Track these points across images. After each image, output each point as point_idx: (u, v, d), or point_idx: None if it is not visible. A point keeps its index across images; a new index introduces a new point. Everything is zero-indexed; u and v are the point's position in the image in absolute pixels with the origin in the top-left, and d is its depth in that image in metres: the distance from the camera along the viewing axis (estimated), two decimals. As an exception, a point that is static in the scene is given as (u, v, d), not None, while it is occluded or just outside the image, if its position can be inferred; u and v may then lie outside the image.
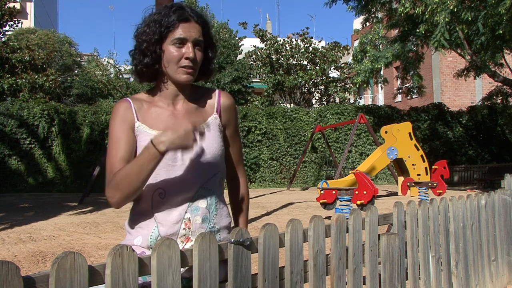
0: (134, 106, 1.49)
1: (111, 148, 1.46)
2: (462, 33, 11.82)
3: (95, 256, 4.71)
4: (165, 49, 1.45)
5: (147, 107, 1.51)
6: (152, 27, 1.45)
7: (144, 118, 1.48)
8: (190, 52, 1.44)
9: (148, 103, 1.52)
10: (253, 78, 24.15)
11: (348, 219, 1.78)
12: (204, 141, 1.49)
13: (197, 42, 1.46)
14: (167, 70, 1.47)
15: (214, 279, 1.23)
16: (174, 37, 1.44)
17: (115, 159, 1.43)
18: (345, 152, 12.59)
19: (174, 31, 1.44)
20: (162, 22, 1.44)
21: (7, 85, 16.59)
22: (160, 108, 1.51)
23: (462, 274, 2.63)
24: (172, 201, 1.44)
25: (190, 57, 1.44)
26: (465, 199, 2.77)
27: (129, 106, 1.49)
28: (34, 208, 9.47)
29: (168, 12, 1.45)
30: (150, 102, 1.52)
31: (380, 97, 30.04)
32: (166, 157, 1.40)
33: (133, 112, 1.48)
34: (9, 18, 16.79)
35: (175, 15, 1.44)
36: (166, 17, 1.44)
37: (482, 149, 18.38)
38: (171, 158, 1.43)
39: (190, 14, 1.46)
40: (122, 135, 1.46)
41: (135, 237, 1.47)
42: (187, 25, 1.45)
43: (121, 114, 1.48)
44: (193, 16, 1.47)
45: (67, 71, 22.98)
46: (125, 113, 1.48)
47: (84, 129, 15.28)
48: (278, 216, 7.71)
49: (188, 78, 1.46)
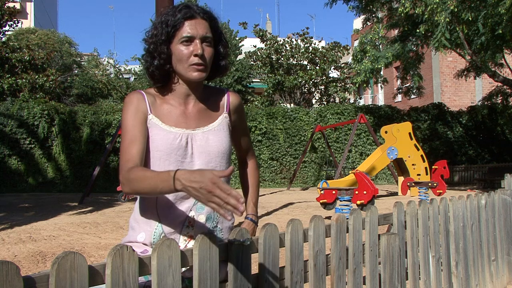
0: (147, 99, 1.49)
1: (125, 138, 1.44)
2: (462, 33, 11.82)
3: (95, 256, 4.70)
4: (173, 48, 1.45)
5: (160, 103, 1.51)
6: (159, 28, 1.45)
7: (157, 112, 1.48)
8: (198, 48, 1.43)
9: (160, 99, 1.52)
10: (253, 78, 24.16)
11: (348, 219, 1.78)
12: (213, 139, 1.50)
13: (205, 38, 1.45)
14: (178, 70, 1.47)
15: (214, 279, 1.23)
16: (181, 36, 1.44)
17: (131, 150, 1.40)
18: (345, 152, 12.59)
19: (181, 30, 1.44)
20: (168, 22, 1.44)
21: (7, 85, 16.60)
22: (172, 106, 1.51)
23: (462, 274, 2.63)
24: (177, 198, 1.44)
25: (199, 53, 1.43)
26: (465, 199, 2.77)
27: (142, 98, 1.49)
28: (34, 208, 9.47)
29: (174, 12, 1.45)
30: (161, 99, 1.52)
31: (380, 97, 30.04)
32: (177, 153, 1.41)
33: (146, 104, 1.48)
34: (9, 18, 16.80)
35: (181, 14, 1.44)
36: (172, 17, 1.45)
37: (482, 149, 18.38)
38: (181, 154, 1.44)
39: (195, 11, 1.46)
40: (136, 127, 1.44)
41: (138, 233, 1.47)
42: (193, 22, 1.45)
43: (135, 104, 1.47)
44: (199, 12, 1.46)
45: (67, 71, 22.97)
46: (139, 104, 1.47)
47: (84, 129, 15.28)
48: (278, 216, 7.71)
49: (199, 75, 1.46)
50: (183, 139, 1.45)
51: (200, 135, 1.49)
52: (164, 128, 1.45)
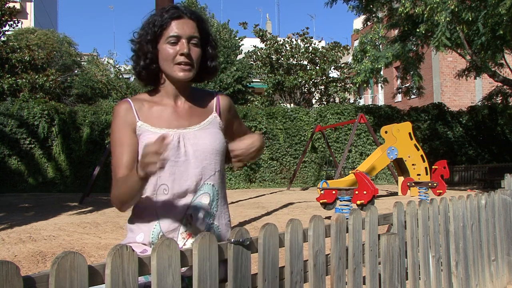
0: (134, 106, 1.49)
1: (114, 152, 1.48)
2: (462, 33, 11.82)
3: (95, 256, 4.70)
4: (160, 48, 1.46)
5: (148, 107, 1.51)
6: (146, 28, 1.47)
7: (146, 117, 1.49)
8: (184, 47, 1.44)
9: (149, 103, 1.52)
10: (253, 78, 24.15)
11: (348, 219, 1.78)
12: (206, 137, 1.50)
13: (192, 38, 1.46)
14: (164, 69, 1.48)
15: (214, 279, 1.23)
16: (168, 35, 1.44)
17: (119, 165, 1.45)
18: (345, 152, 12.58)
19: (167, 29, 1.45)
20: (155, 22, 1.45)
21: (7, 85, 16.60)
22: (162, 107, 1.52)
23: (462, 274, 2.63)
24: (175, 197, 1.45)
25: (185, 52, 1.43)
26: (465, 199, 2.77)
27: (129, 107, 1.49)
28: (34, 208, 9.47)
29: (161, 13, 1.47)
30: (151, 102, 1.53)
31: (380, 97, 30.04)
32: (170, 153, 1.42)
33: (134, 112, 1.48)
34: (9, 18, 16.79)
35: (168, 14, 1.45)
36: (159, 17, 1.46)
37: (482, 149, 18.37)
38: (175, 154, 1.45)
39: (183, 11, 1.47)
40: (124, 138, 1.46)
41: (137, 234, 1.48)
42: (180, 22, 1.45)
43: (122, 116, 1.48)
44: (186, 13, 1.47)
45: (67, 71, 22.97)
46: (126, 115, 1.48)
47: (84, 129, 15.28)
48: (278, 216, 7.71)
49: (185, 74, 1.46)
50: (175, 139, 1.46)
51: (192, 133, 1.49)
52: (154, 131, 1.46)
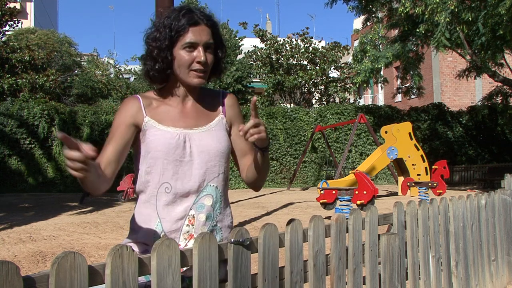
0: (143, 103, 1.51)
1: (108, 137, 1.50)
2: (462, 33, 11.81)
3: (95, 256, 4.70)
4: (176, 54, 1.46)
5: (157, 105, 1.53)
6: (162, 32, 1.46)
7: (153, 114, 1.50)
8: (201, 56, 1.45)
9: (158, 101, 1.54)
10: (253, 78, 24.15)
11: (348, 219, 1.78)
12: (212, 138, 1.50)
13: (208, 45, 1.48)
14: (178, 74, 1.49)
15: (214, 279, 1.23)
16: (184, 42, 1.45)
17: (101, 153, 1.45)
18: (345, 152, 12.58)
19: (184, 36, 1.45)
20: (172, 26, 1.45)
21: (7, 85, 16.59)
22: (170, 106, 1.53)
23: (462, 274, 2.63)
24: (177, 197, 1.45)
25: (202, 61, 1.45)
26: (465, 199, 2.76)
27: (137, 102, 1.51)
28: (34, 208, 9.47)
29: (178, 16, 1.46)
30: (159, 101, 1.54)
31: (380, 97, 30.03)
32: (175, 152, 1.43)
33: (141, 107, 1.50)
34: (9, 18, 16.79)
35: (185, 19, 1.45)
36: (176, 21, 1.45)
37: (482, 149, 18.37)
38: (180, 153, 1.45)
39: (199, 17, 1.47)
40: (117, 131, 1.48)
41: (138, 233, 1.48)
42: (197, 29, 1.46)
43: (127, 109, 1.50)
44: (203, 19, 1.47)
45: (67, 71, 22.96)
46: (132, 109, 1.50)
47: (84, 129, 15.28)
48: (278, 216, 7.71)
49: (200, 81, 1.49)
50: (181, 138, 1.47)
51: (198, 134, 1.50)
52: (161, 128, 1.47)
